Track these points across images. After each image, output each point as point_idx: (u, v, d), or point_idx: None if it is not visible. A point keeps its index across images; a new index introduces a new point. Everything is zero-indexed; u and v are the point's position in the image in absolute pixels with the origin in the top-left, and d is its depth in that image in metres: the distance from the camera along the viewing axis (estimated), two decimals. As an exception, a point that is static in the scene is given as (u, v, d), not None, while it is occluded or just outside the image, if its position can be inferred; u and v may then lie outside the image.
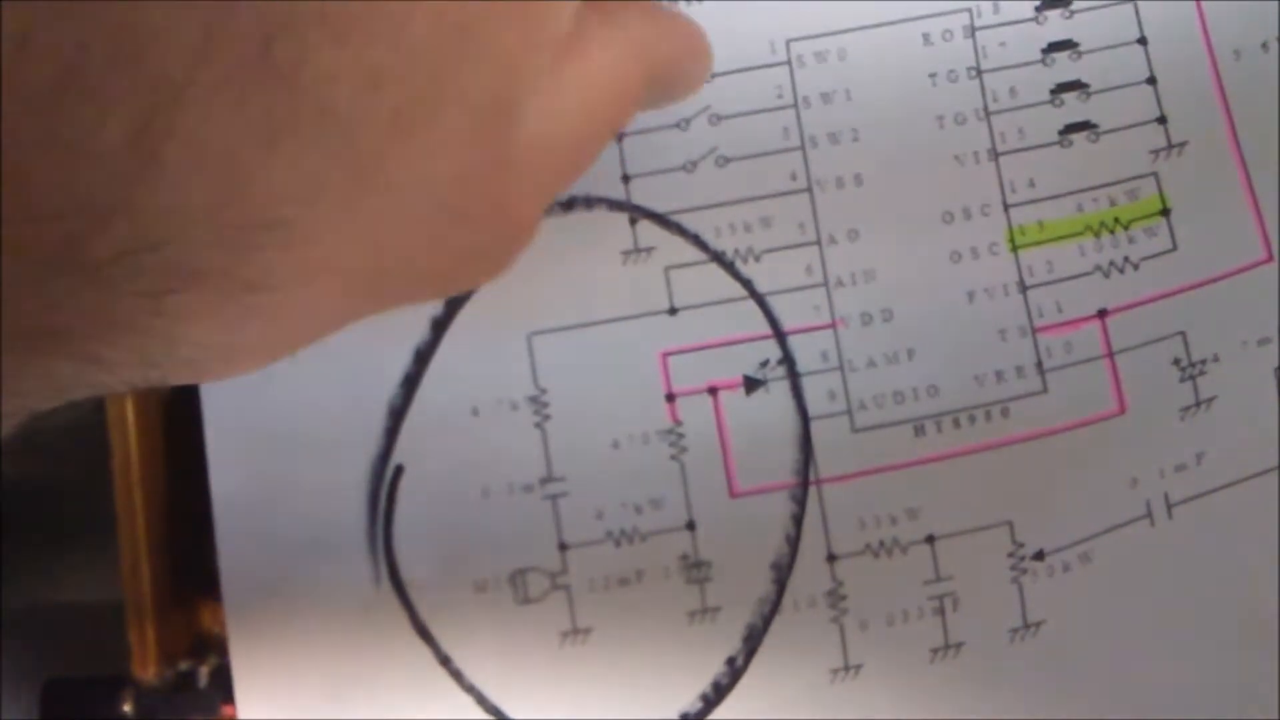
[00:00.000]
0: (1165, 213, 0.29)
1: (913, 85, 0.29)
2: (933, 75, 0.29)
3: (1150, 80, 0.29)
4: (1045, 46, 0.29)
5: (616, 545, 0.29)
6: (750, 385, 0.29)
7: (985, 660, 0.29)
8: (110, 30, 0.12)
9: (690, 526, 0.29)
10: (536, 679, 0.29)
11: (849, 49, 0.29)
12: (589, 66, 0.20)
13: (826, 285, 0.29)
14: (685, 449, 0.29)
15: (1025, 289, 0.29)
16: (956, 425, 0.29)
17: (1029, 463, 0.29)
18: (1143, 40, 0.29)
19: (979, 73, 0.29)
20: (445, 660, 0.29)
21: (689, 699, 0.29)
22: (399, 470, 0.30)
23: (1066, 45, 0.29)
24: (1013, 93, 0.29)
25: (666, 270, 0.30)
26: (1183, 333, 0.29)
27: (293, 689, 0.29)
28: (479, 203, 0.18)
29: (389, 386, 0.30)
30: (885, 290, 0.29)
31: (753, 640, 0.29)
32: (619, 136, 0.30)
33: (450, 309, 0.30)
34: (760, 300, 0.29)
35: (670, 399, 0.30)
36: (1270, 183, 0.29)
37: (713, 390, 0.30)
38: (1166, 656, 0.29)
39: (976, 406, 0.29)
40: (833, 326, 0.29)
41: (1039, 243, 0.29)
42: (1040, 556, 0.29)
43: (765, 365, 0.29)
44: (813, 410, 0.29)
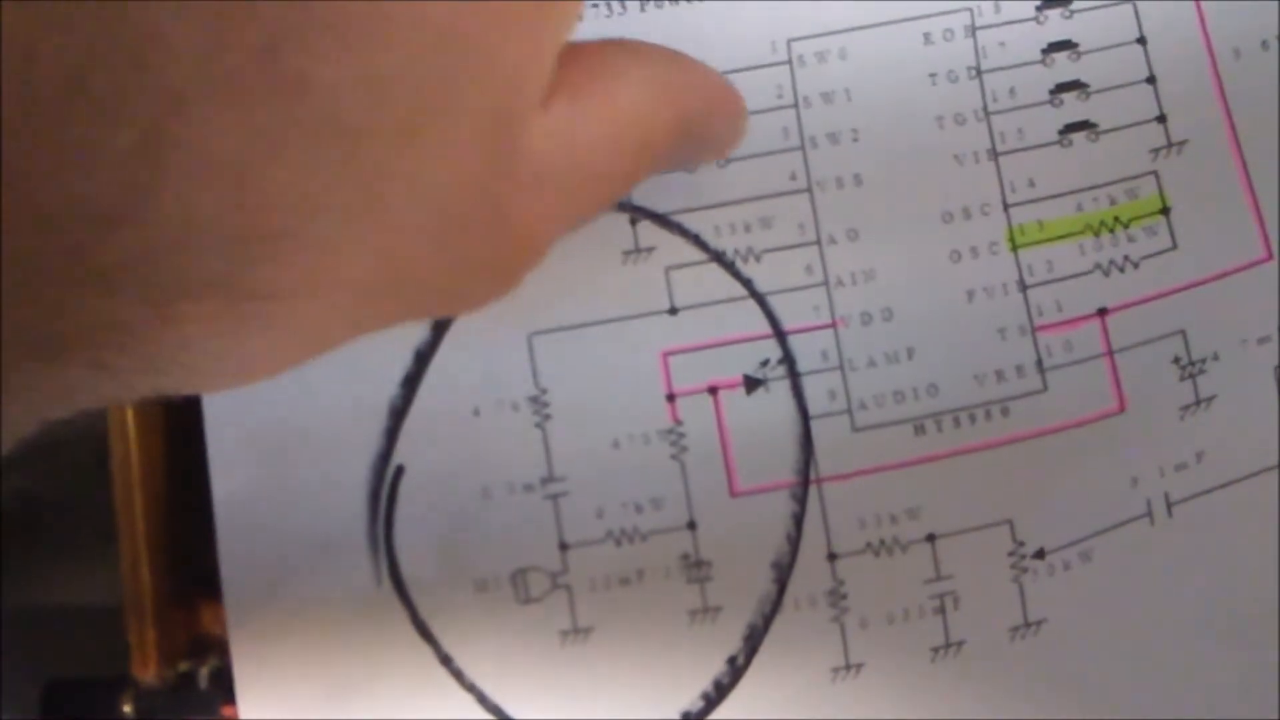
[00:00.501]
0: (1165, 211, 0.29)
1: (913, 85, 0.30)
2: (933, 75, 0.29)
3: (1150, 79, 0.29)
4: (1045, 46, 0.29)
5: (617, 545, 0.29)
6: (750, 385, 0.29)
7: (986, 659, 0.29)
8: (116, 39, 0.12)
9: (691, 526, 0.29)
10: (537, 678, 0.29)
11: (849, 49, 0.30)
12: (617, 101, 0.20)
13: (827, 285, 0.29)
14: (686, 448, 0.29)
15: (1025, 288, 0.29)
16: (956, 424, 0.29)
17: (1029, 461, 0.29)
18: (1142, 40, 0.29)
19: (979, 72, 0.29)
20: (446, 659, 0.29)
21: (690, 698, 0.29)
22: (400, 470, 0.30)
23: (1066, 45, 0.29)
24: (1012, 93, 0.29)
25: (667, 270, 0.30)
26: (1183, 331, 0.29)
27: (293, 689, 0.29)
28: (481, 212, 0.18)
29: (389, 387, 0.30)
30: (885, 290, 0.29)
31: (754, 639, 0.29)
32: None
33: (450, 309, 0.30)
34: (760, 300, 0.30)
35: (671, 398, 0.30)
36: (1270, 181, 0.29)
37: (713, 390, 0.30)
38: (1167, 655, 0.29)
39: (976, 405, 0.29)
40: (833, 326, 0.29)
41: (1039, 242, 0.29)
42: (1041, 555, 0.29)
43: (765, 365, 0.29)
44: (813, 409, 0.29)
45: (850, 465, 0.29)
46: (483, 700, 0.29)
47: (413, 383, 0.30)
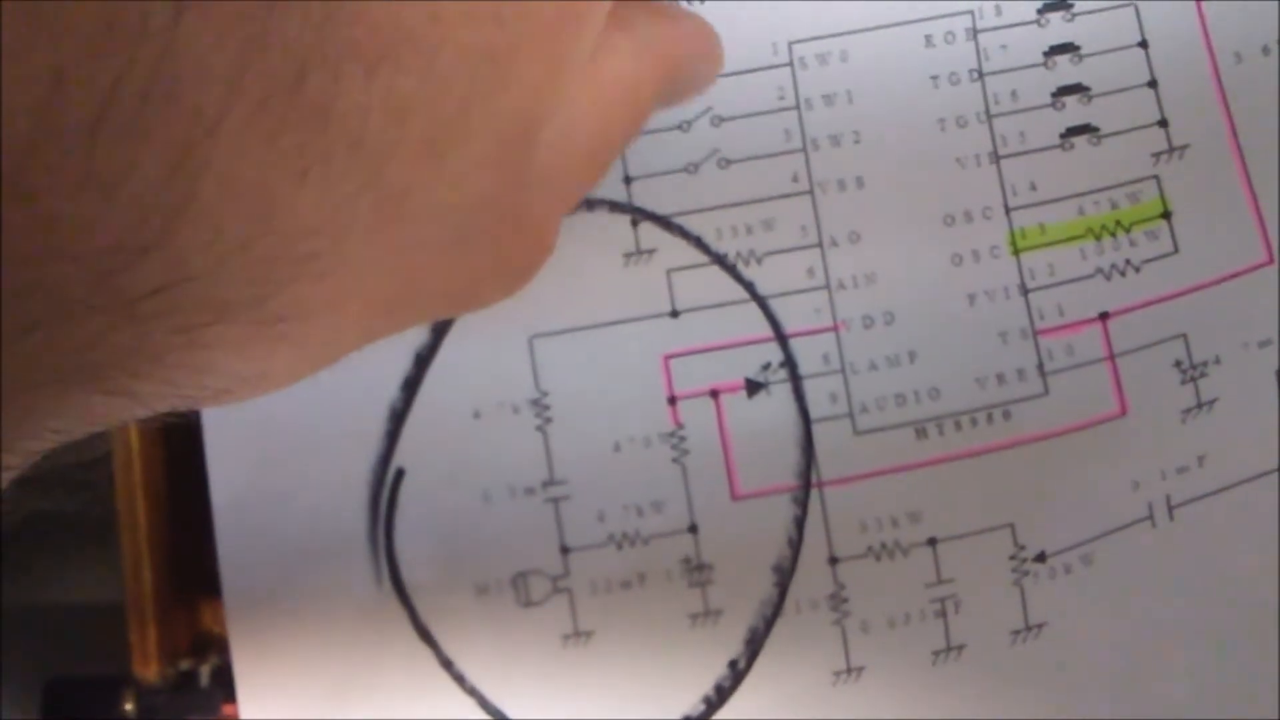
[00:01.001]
0: (1166, 215, 0.29)
1: (914, 87, 0.29)
2: (935, 77, 0.29)
3: (1151, 83, 0.29)
4: (1047, 49, 0.29)
5: (618, 548, 0.29)
6: (752, 388, 0.29)
7: (987, 662, 0.29)
8: (145, 67, 0.12)
9: (692, 529, 0.29)
10: (538, 682, 0.29)
11: (851, 51, 0.29)
12: (603, 75, 0.20)
13: (828, 288, 0.29)
14: (687, 452, 0.29)
15: (1026, 291, 0.29)
16: (958, 428, 0.29)
17: (1030, 465, 0.29)
18: (1144, 43, 0.29)
19: (981, 75, 0.29)
20: (447, 663, 0.29)
21: (691, 702, 0.29)
22: (400, 473, 0.30)
23: (1068, 48, 0.29)
24: (1014, 95, 0.29)
25: (668, 273, 0.30)
26: (1184, 335, 0.29)
27: (294, 693, 0.29)
28: (501, 224, 0.18)
29: (390, 389, 0.30)
30: (887, 293, 0.29)
31: (755, 643, 0.29)
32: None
33: (451, 311, 0.30)
34: (762, 303, 0.29)
35: (672, 402, 0.30)
36: (1271, 185, 0.29)
37: (714, 393, 0.30)
38: (1167, 658, 0.29)
39: (978, 409, 0.29)
40: (834, 329, 0.29)
41: (1040, 245, 0.29)
42: (1042, 558, 0.29)
43: (767, 368, 0.29)
44: (814, 413, 0.29)
45: (851, 469, 0.29)
46: (484, 704, 0.29)
47: (413, 385, 0.30)
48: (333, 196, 0.15)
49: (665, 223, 0.30)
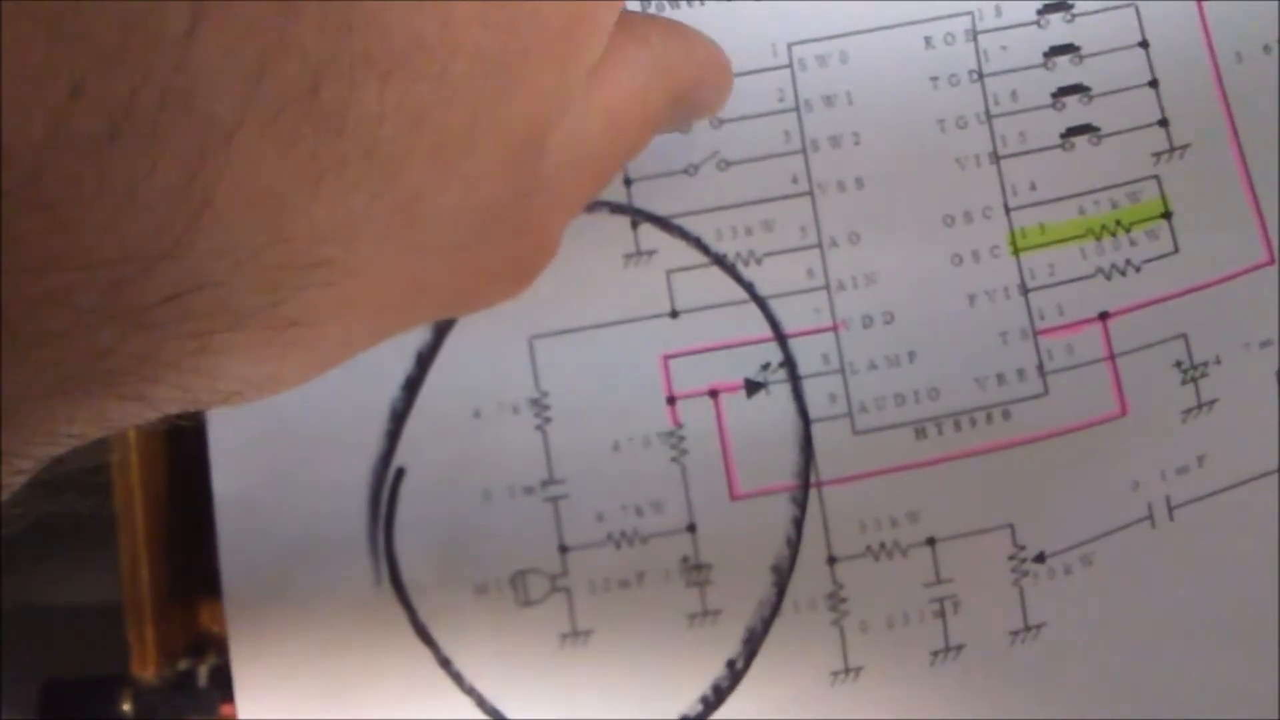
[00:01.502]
0: (1167, 215, 0.29)
1: (914, 88, 0.29)
2: (934, 78, 0.29)
3: (1152, 83, 0.29)
4: (1047, 50, 0.29)
5: (617, 547, 0.29)
6: (751, 388, 0.29)
7: (986, 663, 0.29)
8: (161, 76, 0.12)
9: (691, 529, 0.29)
10: (536, 681, 0.29)
11: (850, 52, 0.29)
12: (614, 88, 0.20)
13: (828, 288, 0.29)
14: (686, 451, 0.29)
15: (1026, 291, 0.29)
16: (957, 428, 0.29)
17: (1030, 465, 0.29)
18: (1144, 43, 0.29)
19: (980, 76, 0.29)
20: (445, 662, 0.29)
21: (689, 701, 0.29)
22: (400, 472, 0.30)
23: (1068, 49, 0.29)
24: (1014, 96, 0.29)
25: (668, 273, 0.30)
26: (1184, 335, 0.29)
27: (293, 691, 0.29)
28: (509, 227, 0.19)
29: (390, 389, 0.30)
30: (886, 293, 0.29)
31: (753, 643, 0.29)
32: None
33: (451, 311, 0.30)
34: (761, 303, 0.29)
35: (671, 401, 0.30)
36: (1271, 185, 0.29)
37: (714, 393, 0.30)
38: (1167, 658, 0.29)
39: (978, 409, 0.29)
40: (834, 329, 0.29)
41: (1040, 245, 0.29)
42: (1041, 559, 0.29)
43: (766, 368, 0.29)
44: (814, 413, 0.29)
45: (851, 468, 0.29)
46: (482, 703, 0.29)
47: (414, 385, 0.30)
48: (345, 203, 0.15)
49: (665, 224, 0.30)
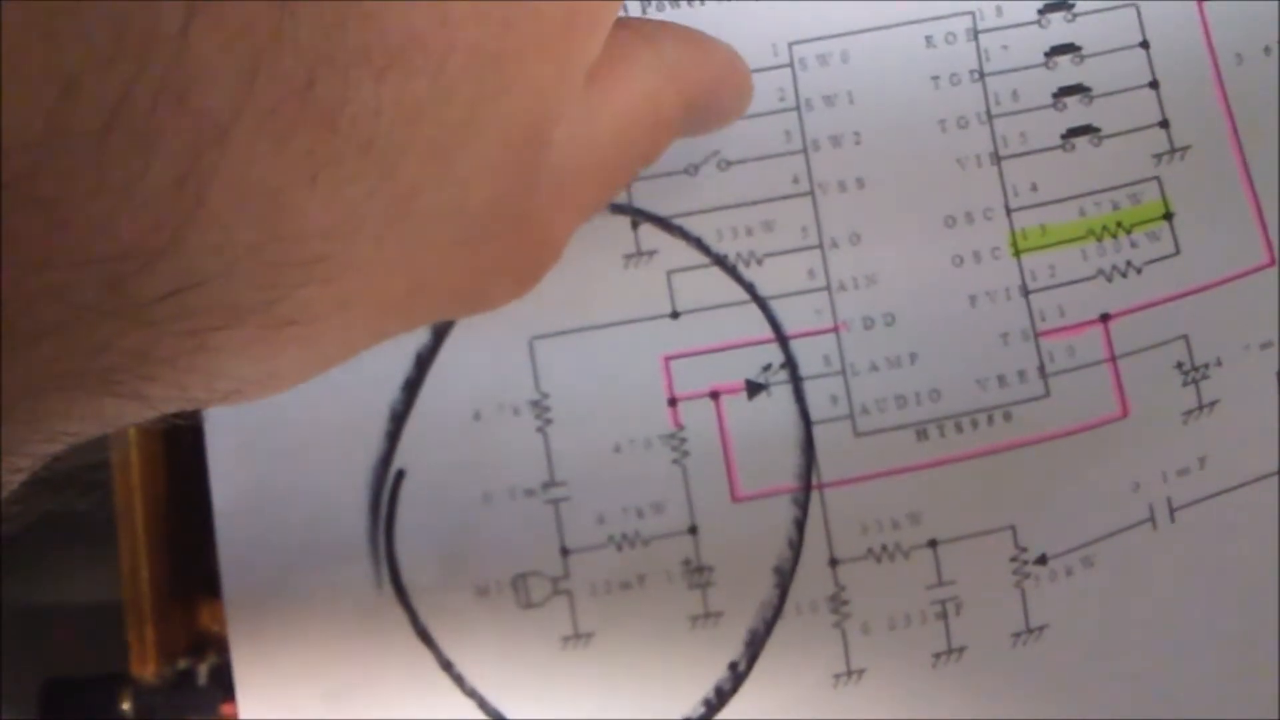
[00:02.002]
0: (1168, 217, 0.29)
1: (915, 88, 0.29)
2: (935, 78, 0.29)
3: (1153, 84, 0.29)
4: (1048, 50, 0.29)
5: (618, 550, 0.29)
6: (752, 389, 0.29)
7: (988, 664, 0.29)
8: (155, 73, 0.12)
9: (692, 531, 0.29)
10: (538, 683, 0.29)
11: (851, 51, 0.29)
12: (625, 92, 0.20)
13: (829, 289, 0.29)
14: (687, 453, 0.29)
15: (1027, 293, 0.29)
16: (959, 429, 0.29)
17: (1031, 467, 0.29)
18: (1145, 44, 0.29)
19: (982, 75, 0.29)
20: (446, 665, 0.29)
21: (691, 704, 0.29)
22: (400, 474, 0.30)
23: (1069, 49, 0.29)
24: (1015, 96, 0.29)
25: (668, 274, 0.30)
26: (1185, 336, 0.29)
27: (294, 694, 0.29)
28: (508, 225, 0.18)
29: (390, 390, 0.30)
30: (887, 294, 0.29)
31: (755, 645, 0.29)
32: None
33: (451, 313, 0.30)
34: (762, 304, 0.29)
35: (672, 403, 0.29)
36: (1272, 186, 0.29)
37: (715, 394, 0.29)
38: (1168, 659, 0.29)
39: (979, 410, 0.29)
40: (835, 330, 0.29)
41: (1041, 247, 0.29)
42: (1043, 561, 0.29)
43: (767, 369, 0.29)
44: (815, 414, 0.29)
45: (852, 470, 0.29)
46: (483, 705, 0.29)
47: (413, 386, 0.30)
48: (341, 200, 0.15)
49: (665, 224, 0.30)
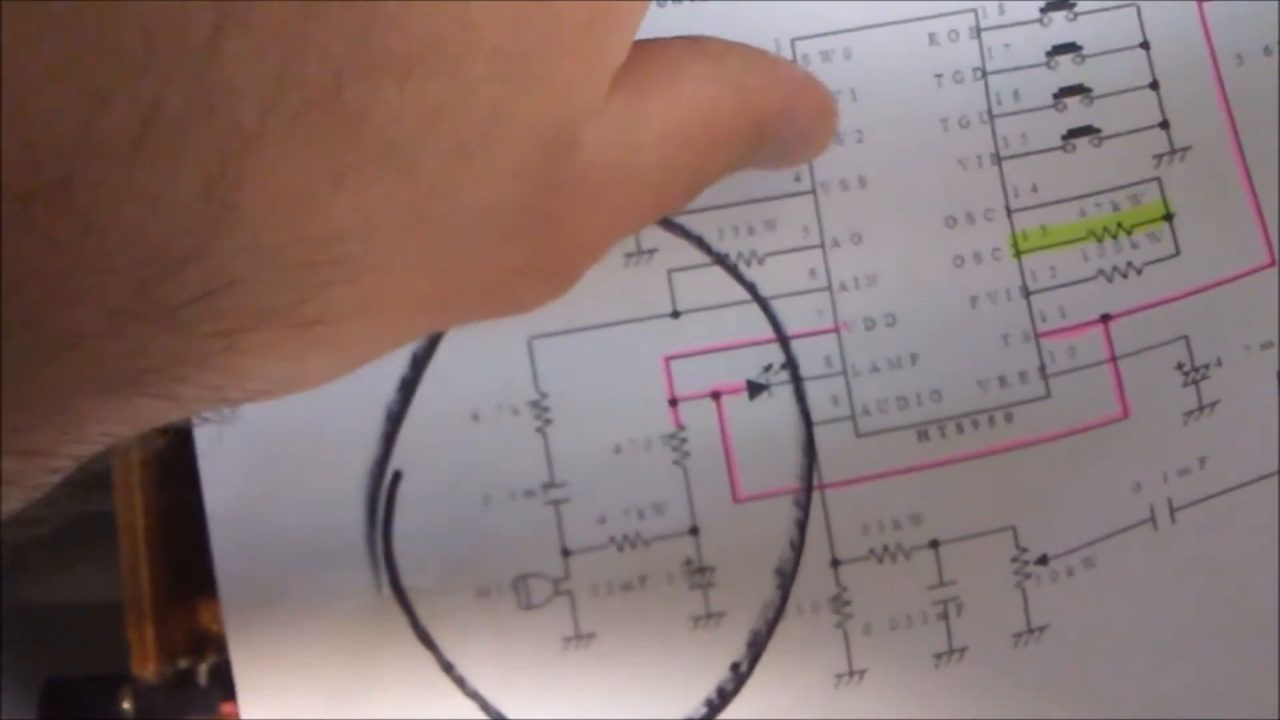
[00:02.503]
0: (1168, 217, 0.29)
1: (918, 86, 0.29)
2: (938, 76, 0.29)
3: (1153, 85, 0.29)
4: (1049, 49, 0.29)
5: (619, 550, 0.29)
6: (753, 390, 0.29)
7: (989, 665, 0.29)
8: (185, 82, 0.12)
9: (693, 531, 0.29)
10: (539, 685, 0.29)
11: (854, 48, 0.29)
12: (673, 101, 0.19)
13: (830, 289, 0.29)
14: (688, 454, 0.29)
15: (1028, 294, 0.29)
16: (960, 430, 0.29)
17: (1032, 467, 0.29)
18: (1145, 45, 0.29)
19: (984, 74, 0.29)
20: (447, 667, 0.29)
21: (693, 704, 0.29)
22: (397, 476, 0.29)
23: (1070, 48, 0.29)
24: (1016, 95, 0.29)
25: (669, 273, 0.30)
26: (1186, 337, 0.29)
27: (294, 697, 0.29)
28: (535, 226, 0.18)
29: (386, 390, 0.30)
30: (888, 295, 0.29)
31: (757, 645, 0.29)
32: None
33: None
34: (763, 304, 0.29)
35: (673, 403, 0.29)
36: (1272, 187, 0.29)
37: (715, 395, 0.29)
38: (1169, 660, 0.29)
39: (980, 411, 0.29)
40: (836, 331, 0.29)
41: (1042, 247, 0.29)
42: (1044, 561, 0.29)
43: (768, 369, 0.29)
44: (816, 415, 0.29)
45: (853, 471, 0.29)
46: (485, 707, 0.29)
47: (410, 386, 0.30)
48: (365, 200, 0.15)
49: (666, 222, 0.30)
